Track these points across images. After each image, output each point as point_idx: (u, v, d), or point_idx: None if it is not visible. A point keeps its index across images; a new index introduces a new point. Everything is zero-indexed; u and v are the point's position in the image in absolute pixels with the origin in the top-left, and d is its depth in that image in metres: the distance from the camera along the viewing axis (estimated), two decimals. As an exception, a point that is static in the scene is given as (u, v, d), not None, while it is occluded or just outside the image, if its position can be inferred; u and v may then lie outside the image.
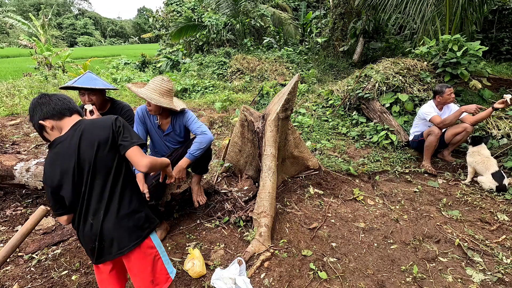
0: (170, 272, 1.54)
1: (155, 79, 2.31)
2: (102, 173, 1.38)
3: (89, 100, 2.45)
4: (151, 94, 2.24)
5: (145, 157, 1.40)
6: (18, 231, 1.98)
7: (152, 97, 2.22)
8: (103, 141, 1.37)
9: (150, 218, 1.50)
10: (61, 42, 36.91)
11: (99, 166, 1.37)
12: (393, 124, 4.48)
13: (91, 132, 1.39)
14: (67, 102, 1.48)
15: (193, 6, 14.21)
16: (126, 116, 2.63)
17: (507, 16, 9.78)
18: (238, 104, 6.68)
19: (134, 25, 71.93)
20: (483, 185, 3.21)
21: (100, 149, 1.37)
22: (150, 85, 2.29)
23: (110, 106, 2.63)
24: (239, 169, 3.24)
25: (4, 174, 2.87)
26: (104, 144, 1.37)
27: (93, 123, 1.42)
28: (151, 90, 2.26)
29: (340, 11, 10.13)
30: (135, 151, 1.38)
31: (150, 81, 2.33)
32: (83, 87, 2.39)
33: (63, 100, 1.47)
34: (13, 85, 8.25)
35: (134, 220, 1.43)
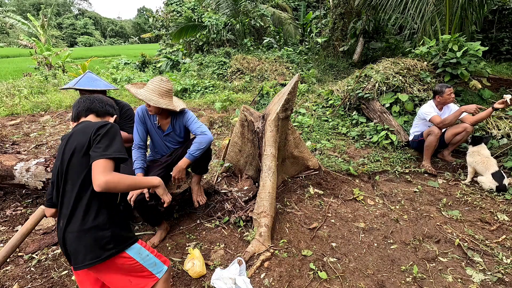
0: (157, 272, 1.45)
1: (154, 80, 2.30)
2: (73, 179, 1.32)
3: None
4: (150, 95, 2.24)
5: (104, 175, 1.23)
6: (18, 231, 1.98)
7: (150, 98, 2.22)
8: (79, 146, 1.32)
9: (118, 239, 1.34)
10: (61, 42, 36.91)
11: (71, 172, 1.32)
12: (393, 124, 4.48)
13: (77, 134, 1.37)
14: (89, 103, 1.49)
15: (193, 6, 14.21)
16: (126, 116, 2.63)
17: (507, 16, 9.78)
18: (238, 104, 6.68)
19: (134, 25, 71.94)
20: (483, 185, 3.21)
21: (75, 154, 1.32)
22: (149, 86, 2.29)
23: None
24: (239, 169, 3.24)
25: (4, 174, 2.87)
26: (79, 150, 1.32)
27: (83, 126, 1.39)
28: (150, 91, 2.26)
29: (340, 11, 10.13)
30: (98, 164, 1.24)
31: (149, 81, 2.33)
32: (84, 88, 2.39)
33: (87, 101, 1.50)
34: (13, 85, 8.25)
35: (95, 237, 1.28)
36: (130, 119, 2.64)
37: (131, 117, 2.63)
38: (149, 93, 2.25)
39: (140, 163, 2.39)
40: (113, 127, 1.38)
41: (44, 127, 5.45)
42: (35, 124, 5.63)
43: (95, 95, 1.57)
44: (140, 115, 2.44)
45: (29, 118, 6.03)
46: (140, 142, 2.44)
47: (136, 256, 1.38)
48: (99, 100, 1.55)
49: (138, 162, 2.39)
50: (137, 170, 2.36)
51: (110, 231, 1.32)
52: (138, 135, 2.44)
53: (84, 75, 2.53)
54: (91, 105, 1.51)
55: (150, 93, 2.25)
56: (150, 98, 2.22)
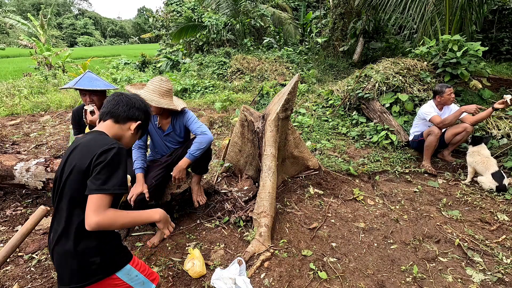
0: None
1: (153, 80, 2.30)
2: (67, 198, 1.24)
3: (90, 100, 2.46)
4: (151, 96, 2.24)
5: (97, 214, 1.15)
6: (18, 231, 1.98)
7: (152, 99, 2.22)
8: (77, 168, 1.22)
9: (108, 265, 1.29)
10: (61, 42, 36.92)
11: (67, 189, 1.24)
12: (393, 124, 4.48)
13: (80, 150, 1.27)
14: (112, 105, 1.41)
15: (193, 6, 14.21)
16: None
17: (507, 16, 9.78)
18: (238, 104, 6.68)
19: (134, 25, 71.94)
20: (483, 185, 3.21)
21: (73, 173, 1.23)
22: (149, 86, 2.29)
23: None
24: (239, 169, 3.24)
25: (4, 174, 2.87)
26: (77, 171, 1.22)
27: (88, 144, 1.28)
28: (151, 92, 2.26)
29: (340, 11, 10.13)
30: (93, 200, 1.16)
31: (149, 82, 2.33)
32: (83, 88, 2.39)
33: (112, 102, 1.42)
34: (13, 85, 8.25)
35: (83, 263, 1.23)
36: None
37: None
38: (150, 93, 2.26)
39: (140, 163, 2.39)
40: (118, 153, 1.24)
41: (44, 127, 5.45)
42: (35, 124, 5.63)
43: (132, 94, 1.49)
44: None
45: (29, 118, 6.03)
46: (140, 142, 2.44)
47: (124, 277, 1.35)
48: (127, 101, 1.42)
49: (138, 162, 2.39)
50: (137, 170, 2.36)
51: (100, 258, 1.25)
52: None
53: (84, 75, 2.53)
54: (114, 107, 1.40)
55: (151, 93, 2.26)
56: (152, 98, 2.22)
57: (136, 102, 1.46)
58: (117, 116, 1.40)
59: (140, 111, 1.46)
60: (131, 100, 1.44)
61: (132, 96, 1.48)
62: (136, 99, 1.48)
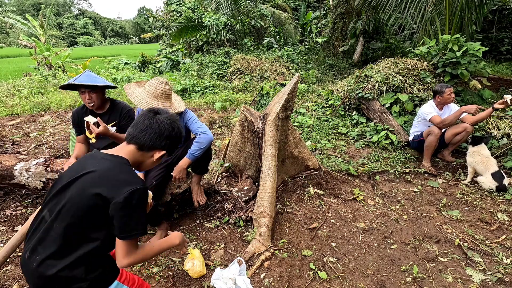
0: None
1: (151, 82, 2.29)
2: (67, 221, 1.18)
3: (89, 98, 2.42)
4: (145, 97, 2.24)
5: (128, 258, 1.21)
6: (18, 231, 1.98)
7: (144, 100, 2.22)
8: (92, 195, 1.17)
9: (96, 285, 1.25)
10: (61, 42, 36.90)
11: (69, 212, 1.18)
12: (393, 124, 4.48)
13: (99, 178, 1.20)
14: (139, 130, 1.32)
15: (193, 6, 14.21)
16: (127, 117, 2.62)
17: (507, 16, 9.78)
18: (238, 104, 6.68)
19: (134, 25, 71.95)
20: (483, 185, 3.21)
21: (84, 199, 1.17)
22: (146, 88, 2.29)
23: (109, 106, 2.62)
24: (239, 169, 3.24)
25: (4, 174, 2.87)
26: (90, 198, 1.17)
27: (108, 172, 1.23)
28: (146, 93, 2.26)
29: (340, 11, 10.12)
30: (123, 245, 1.21)
31: (148, 82, 2.33)
32: (83, 84, 2.37)
33: (140, 125, 1.33)
34: (13, 85, 8.25)
35: (68, 286, 1.19)
36: (130, 120, 2.63)
37: (131, 118, 2.62)
38: (145, 94, 2.25)
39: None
40: (142, 196, 1.22)
41: (44, 127, 5.45)
42: (35, 124, 5.63)
43: (166, 117, 1.37)
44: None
45: (29, 118, 6.03)
46: None
47: None
48: (156, 129, 1.32)
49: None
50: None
51: (88, 283, 1.21)
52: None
53: (83, 73, 2.52)
54: (140, 134, 1.31)
55: (145, 95, 2.25)
56: (144, 100, 2.22)
57: (166, 129, 1.35)
58: (142, 144, 1.33)
59: (169, 139, 1.37)
60: (160, 126, 1.33)
61: (165, 121, 1.35)
62: (168, 124, 1.36)
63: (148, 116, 1.35)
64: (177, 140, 1.42)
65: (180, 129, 1.41)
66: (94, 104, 2.47)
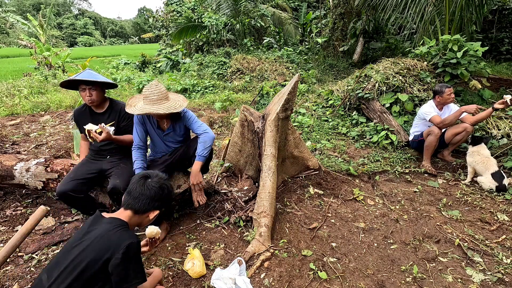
0: None
1: (146, 89, 2.26)
2: (73, 276, 1.27)
3: (89, 95, 2.43)
4: (151, 107, 2.22)
5: None
6: (18, 231, 1.98)
7: (149, 109, 2.21)
8: (97, 259, 1.30)
9: None
10: (61, 42, 36.88)
11: (73, 267, 1.28)
12: (393, 124, 4.48)
13: (102, 241, 1.34)
14: (132, 198, 1.49)
15: (193, 6, 14.21)
16: (126, 118, 2.61)
17: (507, 16, 9.78)
18: (238, 104, 6.68)
19: (134, 25, 71.92)
20: (483, 185, 3.21)
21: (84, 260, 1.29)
22: (147, 98, 2.24)
23: (108, 106, 2.62)
24: (239, 169, 3.24)
25: (4, 174, 2.87)
26: (92, 264, 1.29)
27: (108, 238, 1.35)
28: (149, 102, 2.24)
29: (340, 11, 10.12)
30: None
31: (143, 91, 2.29)
32: (83, 79, 2.37)
33: (134, 193, 1.50)
34: (13, 85, 8.25)
35: None
36: (129, 120, 2.63)
37: (130, 118, 2.62)
38: (149, 105, 2.24)
39: (140, 163, 2.40)
40: (137, 248, 1.38)
41: (44, 127, 5.45)
42: (35, 124, 5.63)
43: (157, 180, 1.52)
44: (139, 117, 2.44)
45: (29, 118, 6.03)
46: (140, 142, 2.45)
47: None
48: (148, 195, 1.50)
49: (138, 162, 2.40)
50: (137, 170, 2.36)
51: None
52: (138, 136, 2.45)
53: (83, 71, 2.52)
54: (134, 202, 1.49)
55: (150, 104, 2.24)
56: (149, 109, 2.21)
57: (157, 193, 1.52)
58: (137, 210, 1.50)
59: (160, 201, 1.54)
60: (151, 191, 1.50)
61: (155, 185, 1.52)
62: (158, 188, 1.52)
63: (140, 183, 1.52)
64: (168, 199, 1.59)
65: (169, 188, 1.60)
66: (93, 101, 2.48)
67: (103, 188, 2.68)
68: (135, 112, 2.24)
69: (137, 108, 2.26)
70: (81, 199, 2.37)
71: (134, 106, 2.31)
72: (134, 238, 1.38)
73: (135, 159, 2.41)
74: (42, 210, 2.05)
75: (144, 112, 2.23)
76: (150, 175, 1.56)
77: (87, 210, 2.54)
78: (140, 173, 1.58)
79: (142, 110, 2.23)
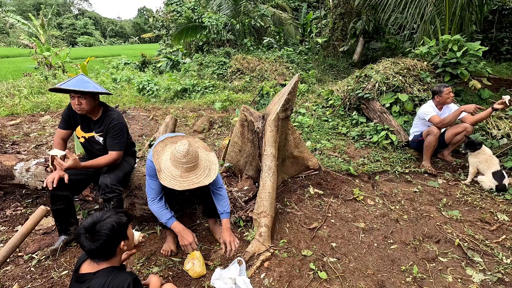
0: None
1: (173, 155, 1.95)
2: None
3: (78, 103, 2.24)
4: (182, 183, 1.95)
5: None
6: (18, 231, 1.98)
7: (184, 185, 1.95)
8: None
9: None
10: (61, 42, 36.89)
11: None
12: (393, 124, 4.48)
13: None
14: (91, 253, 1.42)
15: (193, 6, 14.22)
16: (114, 130, 2.37)
17: (507, 16, 9.78)
18: (238, 104, 6.68)
19: (134, 25, 71.91)
20: (483, 184, 3.21)
21: None
22: (177, 162, 1.95)
23: (101, 114, 2.41)
24: (239, 169, 3.24)
25: (4, 174, 2.87)
26: None
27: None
28: (179, 168, 1.95)
29: (340, 11, 10.13)
30: None
31: (170, 155, 1.97)
32: (72, 89, 2.16)
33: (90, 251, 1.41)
34: (13, 85, 8.25)
35: None
36: (118, 134, 2.37)
37: (120, 131, 2.37)
38: (177, 168, 1.95)
39: (169, 213, 2.16)
40: (137, 284, 1.41)
41: (44, 127, 5.45)
42: (35, 124, 5.63)
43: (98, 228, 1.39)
44: (151, 172, 2.11)
45: (29, 118, 6.03)
46: (158, 195, 2.17)
47: None
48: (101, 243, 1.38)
49: (166, 212, 2.15)
50: (171, 221, 2.13)
51: None
52: (153, 190, 2.14)
53: (75, 77, 2.33)
54: (97, 253, 1.40)
55: (179, 168, 1.95)
56: (181, 184, 1.95)
57: (105, 234, 1.38)
58: (106, 256, 1.42)
59: (114, 235, 1.41)
60: (101, 238, 1.38)
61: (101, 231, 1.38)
62: (104, 230, 1.38)
63: (84, 239, 1.38)
64: (122, 227, 1.46)
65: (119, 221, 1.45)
66: (83, 110, 2.29)
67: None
68: (164, 182, 1.93)
69: (166, 175, 1.95)
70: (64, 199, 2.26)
71: (168, 174, 1.96)
72: (131, 275, 1.40)
73: (161, 210, 2.13)
74: (42, 210, 2.05)
75: (174, 187, 1.94)
76: (95, 222, 1.41)
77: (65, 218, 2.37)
78: (77, 231, 1.43)
79: (172, 185, 1.94)
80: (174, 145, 2.02)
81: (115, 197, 2.29)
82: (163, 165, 1.98)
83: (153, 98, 7.86)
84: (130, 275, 1.40)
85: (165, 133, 4.72)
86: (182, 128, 5.43)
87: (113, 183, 2.29)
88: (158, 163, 1.99)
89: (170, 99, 7.83)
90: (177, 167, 1.95)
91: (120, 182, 2.37)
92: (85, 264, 1.45)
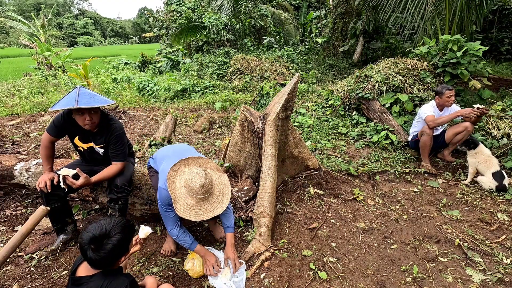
0: None
1: (196, 187, 1.87)
2: None
3: (90, 119, 2.11)
4: (199, 213, 1.91)
5: None
6: (18, 231, 1.98)
7: (199, 215, 1.91)
8: None
9: None
10: (61, 42, 36.87)
11: None
12: (393, 124, 4.48)
13: None
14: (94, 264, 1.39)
15: (193, 6, 14.22)
16: (116, 141, 2.31)
17: (507, 16, 9.79)
18: (238, 104, 6.68)
19: (134, 25, 71.96)
20: (483, 184, 3.21)
21: None
22: (193, 193, 1.89)
23: (101, 123, 2.29)
24: (239, 169, 3.24)
25: (4, 174, 2.87)
26: None
27: None
28: (195, 198, 1.91)
29: (340, 11, 10.14)
30: None
31: (190, 185, 1.88)
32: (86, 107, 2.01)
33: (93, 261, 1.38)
34: (13, 85, 8.26)
35: None
36: (118, 143, 2.30)
37: (120, 141, 2.31)
38: (193, 198, 1.90)
39: (190, 238, 2.13)
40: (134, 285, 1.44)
41: (44, 127, 5.45)
42: (35, 124, 5.63)
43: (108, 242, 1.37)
44: (167, 202, 2.05)
45: (29, 118, 6.03)
46: (176, 223, 2.13)
47: None
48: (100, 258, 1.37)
49: (187, 239, 2.12)
50: (193, 246, 2.13)
51: None
52: (171, 219, 2.09)
53: (78, 92, 2.09)
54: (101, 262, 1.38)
55: (194, 198, 1.90)
56: (198, 215, 1.91)
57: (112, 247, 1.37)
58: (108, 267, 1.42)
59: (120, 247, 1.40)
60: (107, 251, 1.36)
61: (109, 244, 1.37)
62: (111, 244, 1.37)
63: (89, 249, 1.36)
64: (127, 243, 1.46)
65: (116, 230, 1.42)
66: (94, 124, 2.18)
67: (103, 188, 2.68)
68: (179, 213, 1.88)
69: (181, 204, 1.91)
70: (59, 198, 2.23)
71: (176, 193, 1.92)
72: (127, 278, 1.42)
73: (181, 238, 2.11)
74: (42, 210, 2.05)
75: (190, 218, 1.90)
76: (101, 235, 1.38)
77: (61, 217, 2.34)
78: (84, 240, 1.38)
79: (188, 215, 1.89)
80: (189, 170, 1.95)
81: (124, 197, 2.32)
82: (177, 192, 1.92)
83: (153, 98, 7.86)
84: (127, 278, 1.42)
85: (165, 133, 4.72)
86: (182, 128, 5.43)
87: (123, 182, 2.32)
88: (173, 190, 1.93)
89: (170, 99, 7.84)
90: (192, 196, 1.90)
91: (128, 182, 2.39)
92: (81, 267, 1.44)
